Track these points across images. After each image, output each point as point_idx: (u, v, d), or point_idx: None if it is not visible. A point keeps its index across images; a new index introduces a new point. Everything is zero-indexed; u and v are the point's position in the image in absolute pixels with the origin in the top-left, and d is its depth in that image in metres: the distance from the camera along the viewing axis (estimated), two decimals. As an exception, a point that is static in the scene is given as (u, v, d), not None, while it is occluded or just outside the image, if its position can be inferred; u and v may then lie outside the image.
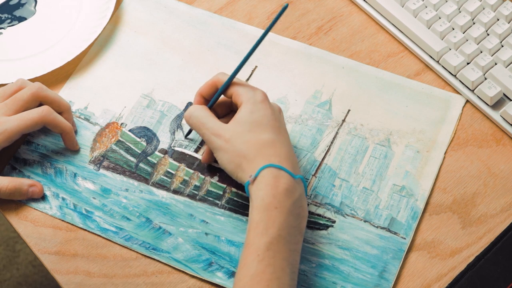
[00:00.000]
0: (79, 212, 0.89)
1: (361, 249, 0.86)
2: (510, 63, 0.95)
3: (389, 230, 0.87)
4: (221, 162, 0.83)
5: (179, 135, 0.94)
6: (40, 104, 0.91)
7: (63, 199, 0.89)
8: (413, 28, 0.98)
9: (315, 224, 0.88)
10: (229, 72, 0.87)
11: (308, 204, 0.89)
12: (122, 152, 0.93)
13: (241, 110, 0.83)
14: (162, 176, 0.91)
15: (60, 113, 0.91)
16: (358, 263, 0.85)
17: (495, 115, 0.93)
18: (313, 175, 0.91)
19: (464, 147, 0.92)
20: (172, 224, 0.88)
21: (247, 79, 0.98)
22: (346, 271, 0.84)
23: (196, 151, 0.93)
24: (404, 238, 0.86)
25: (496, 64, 0.95)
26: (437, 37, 0.97)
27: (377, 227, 0.87)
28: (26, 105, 0.89)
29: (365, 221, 0.88)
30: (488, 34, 0.97)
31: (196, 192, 0.90)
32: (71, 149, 0.92)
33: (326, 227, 0.87)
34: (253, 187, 0.79)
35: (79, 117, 0.95)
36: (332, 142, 0.93)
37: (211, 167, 0.91)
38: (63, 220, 0.88)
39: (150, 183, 0.91)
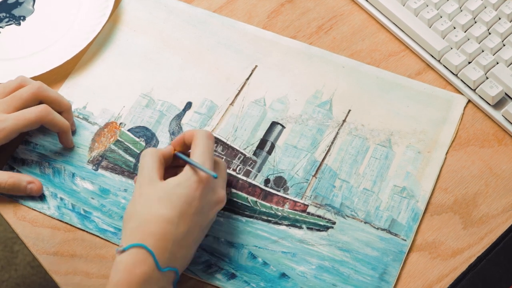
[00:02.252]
0: (78, 213, 0.88)
1: (361, 250, 0.85)
2: (512, 63, 0.95)
3: (389, 232, 0.87)
4: (126, 208, 0.80)
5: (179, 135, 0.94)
6: (40, 103, 0.90)
7: (61, 199, 0.89)
8: (414, 27, 0.98)
9: (315, 225, 0.87)
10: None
11: (308, 205, 0.88)
12: (121, 152, 0.92)
13: (174, 178, 0.79)
14: (161, 176, 0.91)
15: (60, 113, 0.91)
16: (358, 265, 0.84)
17: (496, 114, 0.93)
18: (313, 176, 0.90)
19: (465, 147, 0.92)
20: (171, 224, 0.87)
21: (247, 79, 0.98)
22: (346, 273, 0.84)
23: (196, 151, 0.92)
24: (405, 240, 0.86)
25: (497, 63, 0.95)
26: (438, 36, 0.97)
27: (377, 228, 0.87)
28: (25, 103, 0.89)
29: (365, 223, 0.87)
30: (489, 33, 0.97)
31: (195, 192, 0.90)
32: (66, 147, 0.92)
33: (326, 228, 0.87)
34: (116, 261, 0.76)
35: (78, 117, 0.95)
36: (332, 143, 0.93)
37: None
38: (61, 221, 0.88)
39: (149, 183, 0.90)
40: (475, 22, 0.98)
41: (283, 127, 0.94)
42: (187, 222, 0.77)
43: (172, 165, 0.85)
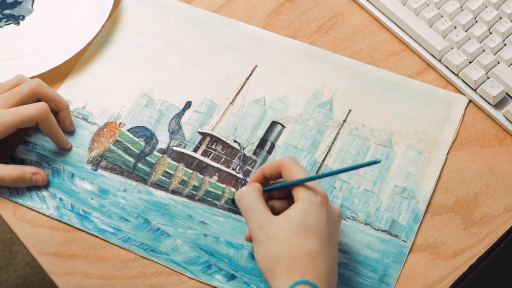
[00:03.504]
0: (77, 213, 0.88)
1: (362, 252, 0.85)
2: (513, 62, 0.95)
3: (390, 233, 0.86)
4: (256, 256, 0.78)
5: (178, 134, 0.93)
6: (38, 101, 0.90)
7: (61, 199, 0.89)
8: (415, 27, 0.98)
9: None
10: None
11: None
12: (120, 152, 0.92)
13: (295, 207, 0.77)
14: (160, 176, 0.90)
15: (58, 111, 0.91)
16: (358, 267, 0.84)
17: (497, 114, 0.93)
18: (313, 176, 0.90)
19: (466, 147, 0.92)
20: (171, 225, 0.87)
21: (247, 79, 0.97)
22: (346, 275, 0.84)
23: (195, 150, 0.92)
24: (405, 241, 0.86)
25: (498, 63, 0.95)
26: (439, 36, 0.97)
27: (377, 230, 0.87)
28: (23, 99, 0.88)
29: (365, 224, 0.87)
30: (490, 33, 0.97)
31: (195, 192, 0.90)
32: (62, 148, 0.92)
33: (326, 229, 0.87)
34: None
35: (77, 117, 0.95)
36: (333, 143, 0.93)
37: None
38: (60, 221, 0.88)
39: (149, 183, 0.90)
40: (476, 22, 0.98)
41: (283, 126, 0.94)
42: (328, 246, 0.76)
43: None
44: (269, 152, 0.92)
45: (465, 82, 0.95)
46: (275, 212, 0.79)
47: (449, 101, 0.95)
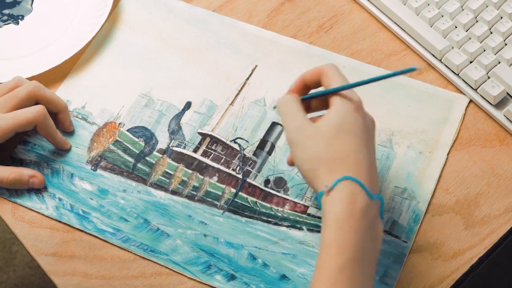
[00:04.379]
0: (76, 213, 0.88)
1: None
2: (514, 62, 0.94)
3: (390, 234, 0.86)
4: (296, 160, 0.77)
5: (178, 135, 0.93)
6: (37, 103, 0.90)
7: (60, 199, 0.89)
8: (415, 26, 0.98)
9: (316, 226, 0.87)
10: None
11: (308, 207, 0.88)
12: (120, 152, 0.92)
13: (332, 112, 0.77)
14: (160, 177, 0.90)
15: (57, 113, 0.91)
16: (359, 266, 0.84)
17: (498, 114, 0.93)
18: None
19: (467, 147, 0.92)
20: (170, 225, 0.87)
21: (247, 79, 0.97)
22: (347, 274, 0.84)
23: (195, 151, 0.92)
24: (406, 242, 0.86)
25: (499, 62, 0.94)
26: (440, 36, 0.97)
27: (378, 230, 0.87)
28: (21, 103, 0.88)
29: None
30: (491, 33, 0.96)
31: (194, 192, 0.89)
32: (61, 149, 0.92)
33: (326, 229, 0.87)
34: (327, 200, 0.73)
35: (77, 117, 0.95)
36: (332, 143, 0.92)
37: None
38: (60, 221, 0.88)
39: (148, 183, 0.90)
40: (477, 21, 0.97)
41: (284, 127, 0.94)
42: (367, 146, 0.76)
43: None
44: (269, 153, 0.92)
45: (466, 82, 0.95)
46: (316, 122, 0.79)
47: (449, 101, 0.95)
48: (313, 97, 0.81)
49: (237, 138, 0.93)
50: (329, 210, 0.73)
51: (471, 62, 0.95)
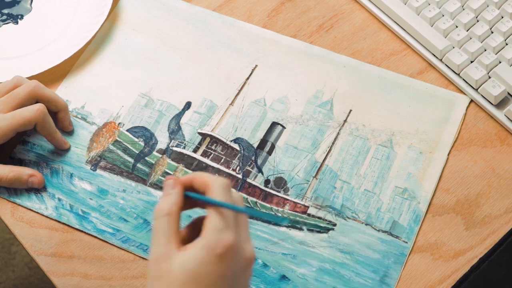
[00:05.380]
0: (76, 213, 0.88)
1: (362, 253, 0.85)
2: (515, 62, 0.94)
3: (390, 234, 0.86)
4: None
5: (178, 135, 0.93)
6: (37, 102, 0.90)
7: (59, 199, 0.89)
8: (416, 26, 0.97)
9: (316, 227, 0.87)
10: None
11: (308, 207, 0.88)
12: (119, 152, 0.92)
13: (194, 250, 0.65)
14: (160, 177, 0.90)
15: (57, 112, 0.91)
16: (359, 267, 0.84)
17: (499, 114, 0.93)
18: (313, 177, 0.90)
19: (467, 147, 0.91)
20: (170, 225, 0.87)
21: (247, 78, 0.97)
22: (347, 275, 0.84)
23: (195, 151, 0.92)
24: (406, 242, 0.85)
25: (500, 62, 0.94)
26: (440, 35, 0.96)
27: (378, 230, 0.86)
28: (22, 102, 0.88)
29: (366, 224, 0.87)
30: (492, 32, 0.96)
31: (194, 193, 0.89)
32: (60, 149, 0.92)
33: (326, 230, 0.87)
34: None
35: (76, 116, 0.94)
36: (333, 143, 0.92)
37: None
38: (59, 221, 0.87)
39: (148, 183, 0.90)
40: (478, 21, 0.97)
41: (284, 127, 0.94)
42: None
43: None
44: (270, 153, 0.92)
45: (467, 82, 0.95)
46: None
47: (450, 101, 0.95)
48: (197, 199, 0.70)
49: (237, 139, 0.93)
50: None
51: (471, 62, 0.95)
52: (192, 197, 0.70)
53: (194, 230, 0.70)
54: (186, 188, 0.70)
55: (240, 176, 0.90)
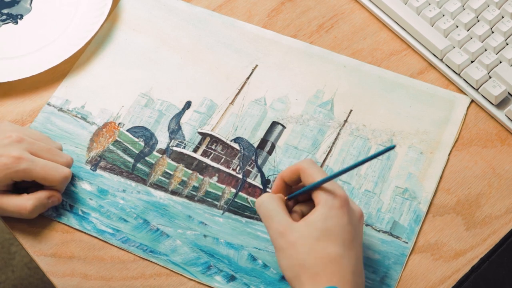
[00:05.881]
0: (75, 213, 0.88)
1: (363, 253, 0.84)
2: (515, 62, 0.94)
3: (391, 234, 0.86)
4: (280, 265, 0.76)
5: (178, 135, 0.93)
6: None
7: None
8: (416, 26, 0.97)
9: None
10: None
11: None
12: (119, 152, 0.92)
13: (315, 212, 0.76)
14: (160, 177, 0.90)
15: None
16: (359, 267, 0.84)
17: (500, 114, 0.92)
18: (314, 177, 0.90)
19: (468, 147, 0.91)
20: (170, 226, 0.87)
21: (247, 78, 0.97)
22: (348, 275, 0.83)
23: (195, 151, 0.92)
24: (406, 243, 0.85)
25: (501, 62, 0.94)
26: (441, 35, 0.96)
27: (379, 231, 0.86)
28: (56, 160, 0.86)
29: (366, 225, 0.87)
30: (492, 32, 0.96)
31: (194, 193, 0.89)
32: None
33: (327, 230, 0.86)
34: None
35: (76, 116, 0.94)
36: (333, 143, 0.92)
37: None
38: (59, 222, 0.87)
39: (148, 183, 0.90)
40: (478, 21, 0.97)
41: (284, 127, 0.93)
42: (352, 248, 0.75)
43: None
44: (270, 152, 0.92)
45: (467, 82, 0.94)
46: (304, 215, 0.78)
47: (451, 101, 0.95)
48: (298, 194, 0.80)
49: (237, 138, 0.93)
50: None
51: (472, 62, 0.95)
52: (297, 195, 0.80)
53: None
54: (283, 190, 0.82)
55: (240, 176, 0.90)
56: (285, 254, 0.75)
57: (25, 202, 0.84)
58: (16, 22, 1.02)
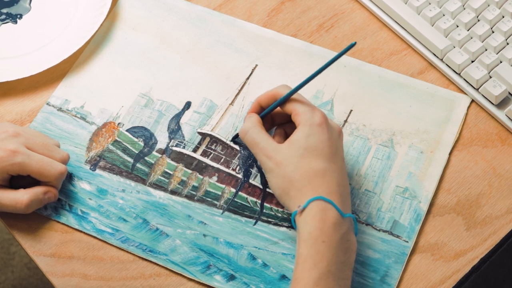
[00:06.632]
0: (75, 213, 0.87)
1: (363, 253, 0.84)
2: (516, 61, 0.94)
3: (391, 234, 0.86)
4: (270, 185, 0.82)
5: (178, 135, 0.93)
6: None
7: (59, 199, 0.88)
8: (417, 26, 0.97)
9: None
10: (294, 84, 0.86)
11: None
12: (119, 152, 0.91)
13: (297, 132, 0.82)
14: (159, 177, 0.90)
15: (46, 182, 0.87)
16: (359, 267, 0.84)
17: (500, 114, 0.92)
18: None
19: (468, 147, 0.91)
20: (170, 225, 0.86)
21: (247, 78, 0.97)
22: (348, 275, 0.83)
23: (195, 151, 0.92)
24: (407, 242, 0.85)
25: (501, 62, 0.94)
26: (441, 35, 0.96)
27: (379, 230, 0.86)
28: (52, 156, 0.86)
29: (367, 224, 0.86)
30: (493, 32, 0.96)
31: (194, 192, 0.89)
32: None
33: (327, 229, 0.86)
34: (300, 219, 0.78)
35: (75, 116, 0.94)
36: (333, 143, 0.92)
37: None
38: (58, 222, 0.87)
39: (147, 183, 0.89)
40: (478, 21, 0.97)
41: (284, 126, 0.93)
42: (334, 161, 0.81)
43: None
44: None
45: (467, 82, 0.94)
46: (288, 136, 0.84)
47: (451, 100, 0.94)
48: (269, 112, 0.87)
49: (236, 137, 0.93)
50: (302, 228, 0.77)
51: (472, 62, 0.95)
52: (267, 113, 0.86)
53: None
54: (259, 112, 0.87)
55: (240, 176, 0.90)
56: (274, 174, 0.81)
57: (21, 197, 0.83)
58: (16, 22, 1.02)
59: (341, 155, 0.83)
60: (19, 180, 0.86)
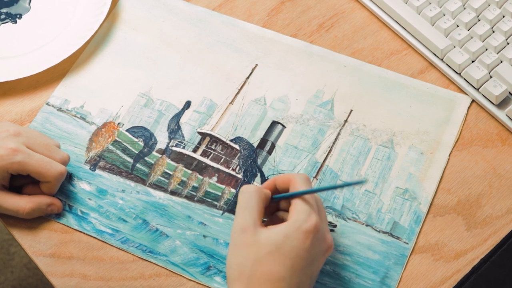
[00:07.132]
0: (75, 214, 0.87)
1: (363, 254, 0.84)
2: (516, 61, 0.94)
3: (391, 235, 0.86)
4: (227, 258, 0.76)
5: (177, 135, 0.93)
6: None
7: (58, 199, 0.88)
8: (417, 25, 0.97)
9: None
10: None
11: None
12: (118, 152, 0.91)
13: (280, 227, 0.74)
14: (159, 177, 0.90)
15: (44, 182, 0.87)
16: (359, 268, 0.84)
17: (500, 114, 0.92)
18: (314, 177, 0.90)
19: (468, 147, 0.91)
20: (170, 226, 0.86)
21: (247, 78, 0.97)
22: (347, 277, 0.83)
23: (194, 151, 0.92)
24: (407, 243, 0.85)
25: (501, 62, 0.94)
26: (441, 35, 0.96)
27: (379, 231, 0.86)
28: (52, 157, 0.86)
29: (367, 225, 0.86)
30: (493, 32, 0.96)
31: (194, 193, 0.89)
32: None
33: (327, 230, 0.86)
34: None
35: (75, 116, 0.94)
36: (333, 143, 0.92)
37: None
38: (58, 222, 0.87)
39: (147, 184, 0.89)
40: (479, 20, 0.97)
41: (284, 126, 0.93)
42: (299, 276, 0.73)
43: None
44: (270, 152, 0.92)
45: (468, 82, 0.94)
46: (283, 221, 0.77)
47: (451, 101, 0.94)
48: (281, 198, 0.79)
49: (237, 138, 0.93)
50: None
51: (473, 62, 0.95)
52: (279, 199, 0.79)
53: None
54: (272, 191, 0.80)
55: (240, 176, 0.90)
56: (234, 252, 0.75)
57: (24, 205, 0.84)
58: (15, 22, 1.02)
59: (315, 272, 0.75)
60: (19, 180, 0.86)
